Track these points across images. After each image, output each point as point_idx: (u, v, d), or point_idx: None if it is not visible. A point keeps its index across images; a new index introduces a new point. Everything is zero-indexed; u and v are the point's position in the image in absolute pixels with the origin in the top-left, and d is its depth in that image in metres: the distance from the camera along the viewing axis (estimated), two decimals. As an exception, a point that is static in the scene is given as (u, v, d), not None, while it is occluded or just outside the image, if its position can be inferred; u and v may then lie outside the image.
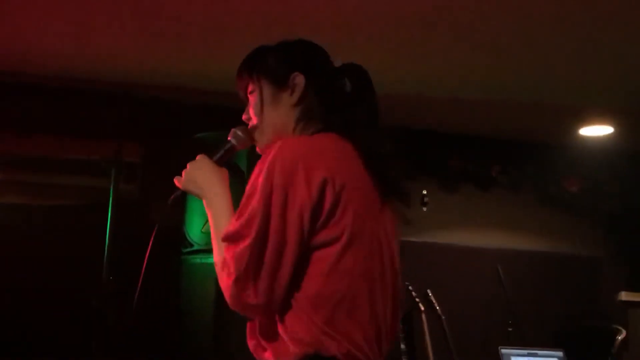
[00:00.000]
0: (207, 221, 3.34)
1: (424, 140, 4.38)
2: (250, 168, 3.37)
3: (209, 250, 3.23)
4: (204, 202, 1.48)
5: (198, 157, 1.52)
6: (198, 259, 3.34)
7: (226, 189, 1.47)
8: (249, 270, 1.25)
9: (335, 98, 1.44)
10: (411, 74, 3.45)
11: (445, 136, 4.42)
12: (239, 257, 1.26)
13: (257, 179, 1.30)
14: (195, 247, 3.34)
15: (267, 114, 1.46)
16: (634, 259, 4.74)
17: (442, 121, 4.26)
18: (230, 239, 1.30)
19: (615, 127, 3.82)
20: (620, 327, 4.00)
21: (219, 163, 1.52)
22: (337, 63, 1.49)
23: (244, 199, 1.32)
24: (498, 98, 3.71)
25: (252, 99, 1.48)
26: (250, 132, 1.50)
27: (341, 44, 1.85)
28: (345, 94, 1.45)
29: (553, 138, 4.41)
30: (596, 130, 3.86)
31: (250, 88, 1.48)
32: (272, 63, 1.45)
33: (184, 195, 1.55)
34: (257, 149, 1.52)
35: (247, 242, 1.26)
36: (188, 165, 1.52)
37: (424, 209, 3.87)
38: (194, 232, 3.36)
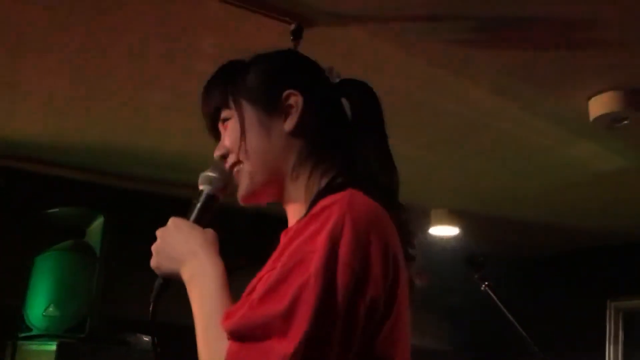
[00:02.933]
0: (50, 304, 3.18)
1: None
2: (106, 245, 3.31)
3: (49, 336, 3.06)
4: (186, 279, 0.99)
5: (169, 221, 1.05)
6: (35, 346, 3.09)
7: (218, 258, 0.98)
8: None
9: (339, 126, 1.05)
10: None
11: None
12: None
13: (305, 244, 0.85)
14: (34, 332, 3.10)
15: (254, 146, 1.03)
16: (478, 352, 5.02)
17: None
18: (250, 331, 0.82)
19: (460, 228, 4.16)
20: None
21: (201, 224, 1.05)
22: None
23: (276, 274, 0.84)
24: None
25: (228, 129, 1.07)
26: (227, 173, 1.06)
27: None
28: (346, 120, 1.06)
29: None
30: (444, 231, 4.17)
31: (223, 114, 1.07)
32: (254, 79, 1.05)
33: (166, 284, 1.07)
34: (241, 198, 1.07)
35: (290, 342, 0.79)
36: (158, 235, 1.05)
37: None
38: (34, 315, 3.12)
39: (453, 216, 4.10)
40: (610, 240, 4.65)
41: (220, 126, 1.09)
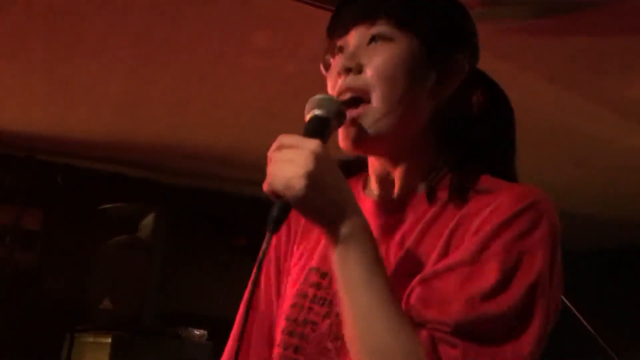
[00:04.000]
0: (105, 297, 3.25)
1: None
2: (158, 239, 3.36)
3: (105, 330, 3.12)
4: (343, 232, 0.76)
5: (302, 142, 0.77)
6: (91, 338, 3.16)
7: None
8: None
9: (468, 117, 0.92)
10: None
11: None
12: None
13: (522, 241, 0.78)
14: (91, 325, 3.17)
15: (401, 88, 0.84)
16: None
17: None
18: (476, 329, 0.74)
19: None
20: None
21: None
22: None
23: (496, 271, 0.76)
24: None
25: (379, 51, 0.85)
26: (352, 99, 0.85)
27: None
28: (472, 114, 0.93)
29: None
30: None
31: (383, 29, 0.85)
32: (440, 19, 0.88)
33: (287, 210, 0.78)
34: (354, 141, 0.85)
35: (525, 343, 0.74)
36: (293, 152, 0.77)
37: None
38: (91, 308, 3.19)
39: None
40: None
41: (363, 39, 0.85)
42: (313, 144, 0.76)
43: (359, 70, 0.85)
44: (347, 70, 0.85)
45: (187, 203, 3.94)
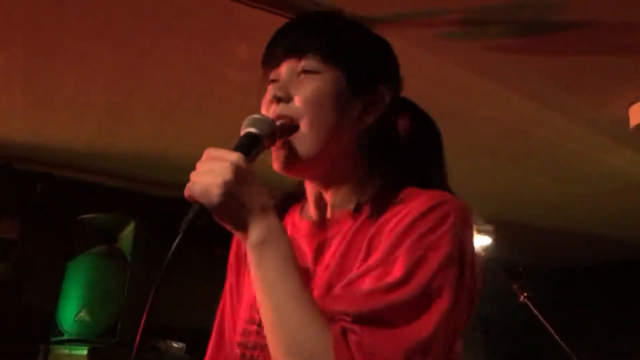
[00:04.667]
0: (82, 309, 3.21)
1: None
2: (137, 250, 3.32)
3: (80, 341, 3.08)
4: (255, 237, 0.83)
5: (225, 154, 0.84)
6: (67, 350, 3.12)
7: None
8: None
9: (397, 135, 1.01)
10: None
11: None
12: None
13: (428, 238, 0.84)
14: (66, 336, 3.13)
15: (326, 117, 0.91)
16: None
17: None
18: (379, 316, 0.79)
19: (495, 238, 4.08)
20: None
21: None
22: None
23: (403, 264, 0.82)
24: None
25: (306, 83, 0.92)
26: (275, 126, 0.91)
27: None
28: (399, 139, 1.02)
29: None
30: (478, 240, 4.09)
31: (309, 63, 0.93)
32: (361, 51, 0.95)
33: (205, 214, 0.84)
34: (285, 165, 0.93)
35: (424, 327, 0.79)
36: (222, 160, 0.83)
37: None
38: (66, 319, 3.15)
39: (486, 226, 4.02)
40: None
41: (292, 72, 0.93)
42: (234, 156, 0.82)
43: (289, 99, 0.93)
44: (278, 100, 0.92)
45: (166, 214, 3.92)
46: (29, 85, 2.64)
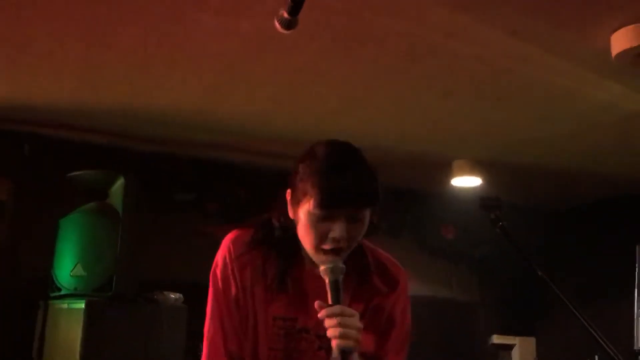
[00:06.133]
0: (77, 264, 3.25)
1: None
2: (127, 205, 3.33)
3: (77, 296, 3.14)
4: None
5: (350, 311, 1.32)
6: (65, 304, 3.18)
7: None
8: None
9: None
10: (293, 122, 3.52)
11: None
12: None
13: (406, 315, 1.52)
14: (64, 292, 3.18)
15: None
16: (505, 303, 5.01)
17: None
18: None
19: (483, 179, 4.09)
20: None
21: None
22: None
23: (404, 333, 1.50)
24: (369, 146, 3.85)
25: (359, 228, 1.35)
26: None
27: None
28: None
29: (429, 188, 4.64)
30: (466, 181, 4.10)
31: (362, 214, 1.34)
32: (380, 198, 1.38)
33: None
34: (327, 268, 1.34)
35: None
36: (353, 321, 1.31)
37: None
38: (62, 276, 3.20)
39: (475, 166, 4.03)
40: (637, 188, 4.54)
41: (348, 219, 1.33)
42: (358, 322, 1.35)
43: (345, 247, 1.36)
44: (339, 248, 1.35)
45: (153, 167, 3.93)
46: (6, 43, 2.61)
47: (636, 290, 4.50)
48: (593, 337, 2.03)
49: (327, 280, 1.32)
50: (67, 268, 3.21)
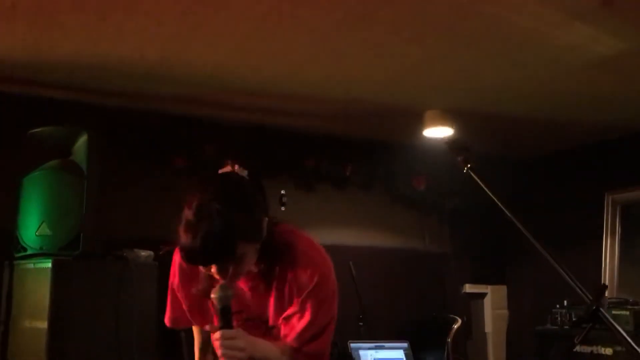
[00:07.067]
0: (42, 223, 3.17)
1: (280, 140, 4.41)
2: (92, 162, 3.23)
3: (44, 255, 3.07)
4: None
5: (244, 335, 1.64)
6: (31, 264, 3.11)
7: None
8: None
9: None
10: (260, 72, 3.44)
11: (300, 136, 4.47)
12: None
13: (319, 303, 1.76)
14: (29, 251, 3.11)
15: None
16: (476, 253, 5.07)
17: (295, 121, 4.31)
18: None
19: (454, 129, 4.07)
20: (456, 317, 4.25)
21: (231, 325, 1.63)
22: None
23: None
24: (340, 97, 3.81)
25: (247, 262, 1.67)
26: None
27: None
28: None
29: (400, 139, 4.61)
30: (438, 132, 4.08)
31: (229, 263, 1.64)
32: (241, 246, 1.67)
33: None
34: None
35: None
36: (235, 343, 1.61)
37: (282, 208, 3.89)
38: (27, 236, 3.13)
39: (447, 116, 4.00)
40: (606, 135, 4.57)
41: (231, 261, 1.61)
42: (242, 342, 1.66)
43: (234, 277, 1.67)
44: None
45: (117, 122, 3.82)
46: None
47: (604, 237, 4.60)
48: (562, 281, 2.05)
49: (216, 306, 1.59)
50: (32, 227, 3.13)
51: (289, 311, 1.71)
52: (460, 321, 4.15)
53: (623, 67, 3.35)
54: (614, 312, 3.56)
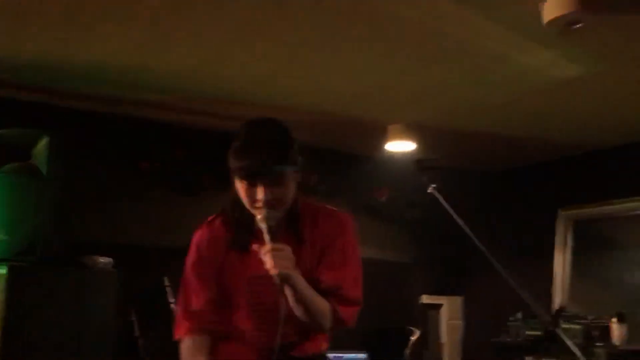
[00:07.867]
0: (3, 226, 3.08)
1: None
2: (52, 166, 3.15)
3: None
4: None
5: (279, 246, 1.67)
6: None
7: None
8: None
9: None
10: (230, 81, 3.44)
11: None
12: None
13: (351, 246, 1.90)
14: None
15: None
16: (436, 264, 5.15)
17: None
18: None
19: (417, 143, 4.15)
20: (413, 328, 4.32)
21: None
22: None
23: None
24: (308, 109, 3.84)
25: (276, 186, 1.71)
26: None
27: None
28: None
29: (365, 151, 4.67)
30: (400, 146, 4.15)
31: (281, 179, 1.71)
32: (297, 163, 1.79)
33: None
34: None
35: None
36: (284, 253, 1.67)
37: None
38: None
39: (410, 131, 4.07)
40: (563, 153, 4.72)
41: (268, 182, 1.67)
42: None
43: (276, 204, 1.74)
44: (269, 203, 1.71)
45: (79, 126, 3.76)
46: None
47: (555, 252, 4.73)
48: (516, 295, 2.11)
49: (263, 227, 1.65)
50: (-11, 232, 3.05)
51: (326, 260, 1.81)
52: (418, 333, 4.21)
53: (579, 90, 3.48)
54: (564, 325, 3.66)
